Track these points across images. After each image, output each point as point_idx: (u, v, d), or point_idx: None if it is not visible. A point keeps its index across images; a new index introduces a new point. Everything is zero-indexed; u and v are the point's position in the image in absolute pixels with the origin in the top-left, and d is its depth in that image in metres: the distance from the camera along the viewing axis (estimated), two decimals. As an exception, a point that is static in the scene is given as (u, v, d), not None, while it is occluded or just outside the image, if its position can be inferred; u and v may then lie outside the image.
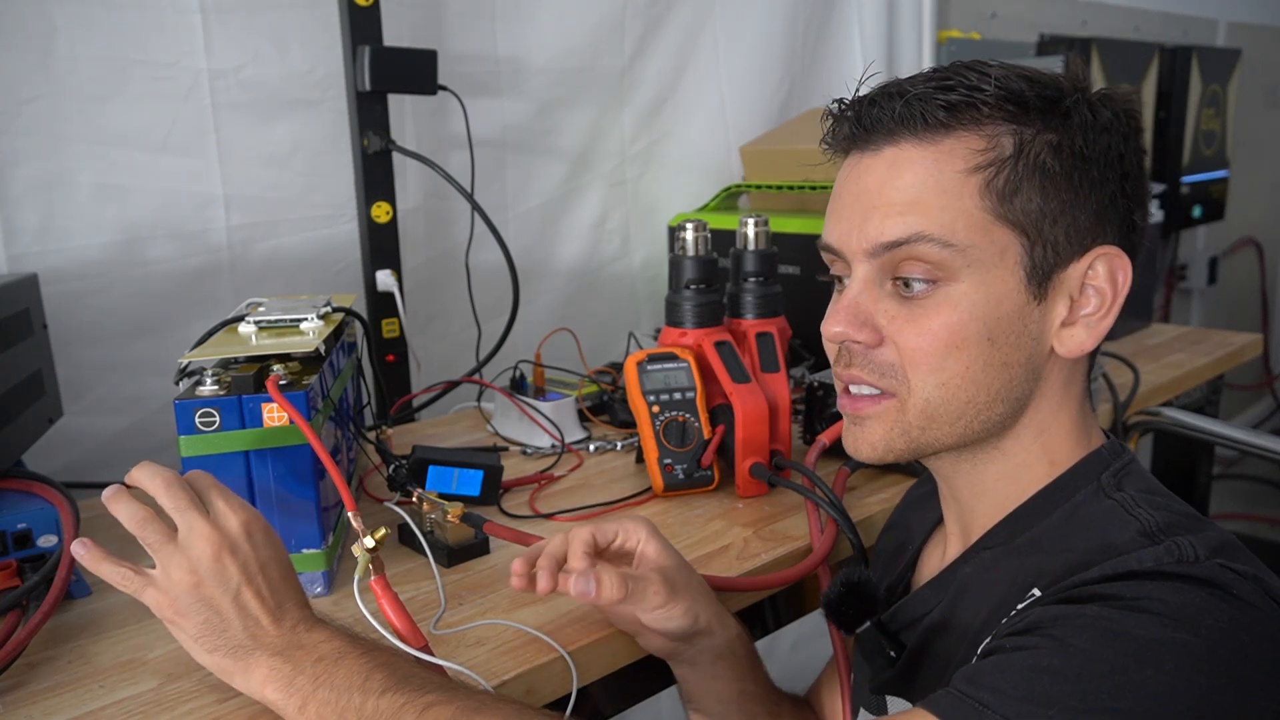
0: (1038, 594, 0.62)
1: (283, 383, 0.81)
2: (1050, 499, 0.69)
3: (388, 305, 1.43)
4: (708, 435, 1.09)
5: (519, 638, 0.80)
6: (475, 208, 1.42)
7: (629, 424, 1.27)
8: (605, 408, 1.36)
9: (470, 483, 1.05)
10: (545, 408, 1.26)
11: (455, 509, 0.90)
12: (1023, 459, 0.70)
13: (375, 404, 1.28)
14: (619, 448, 1.26)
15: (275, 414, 0.80)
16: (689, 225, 1.14)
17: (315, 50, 1.37)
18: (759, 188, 1.66)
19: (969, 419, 0.68)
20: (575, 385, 1.37)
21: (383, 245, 1.43)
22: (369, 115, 1.38)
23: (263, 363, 0.85)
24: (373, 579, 0.73)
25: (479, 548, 0.94)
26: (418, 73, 1.40)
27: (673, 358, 1.11)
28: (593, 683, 0.81)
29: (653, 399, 1.09)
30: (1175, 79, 2.85)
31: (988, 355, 0.66)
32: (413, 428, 1.39)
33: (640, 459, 1.16)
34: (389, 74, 1.36)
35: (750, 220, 1.18)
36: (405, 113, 1.48)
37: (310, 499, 0.84)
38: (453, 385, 1.44)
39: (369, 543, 0.74)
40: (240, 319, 0.93)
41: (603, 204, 1.76)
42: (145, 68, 1.24)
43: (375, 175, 1.41)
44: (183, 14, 1.26)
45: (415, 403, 1.45)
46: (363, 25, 1.35)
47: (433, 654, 0.71)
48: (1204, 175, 3.02)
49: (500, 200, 1.62)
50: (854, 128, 0.69)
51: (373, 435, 1.12)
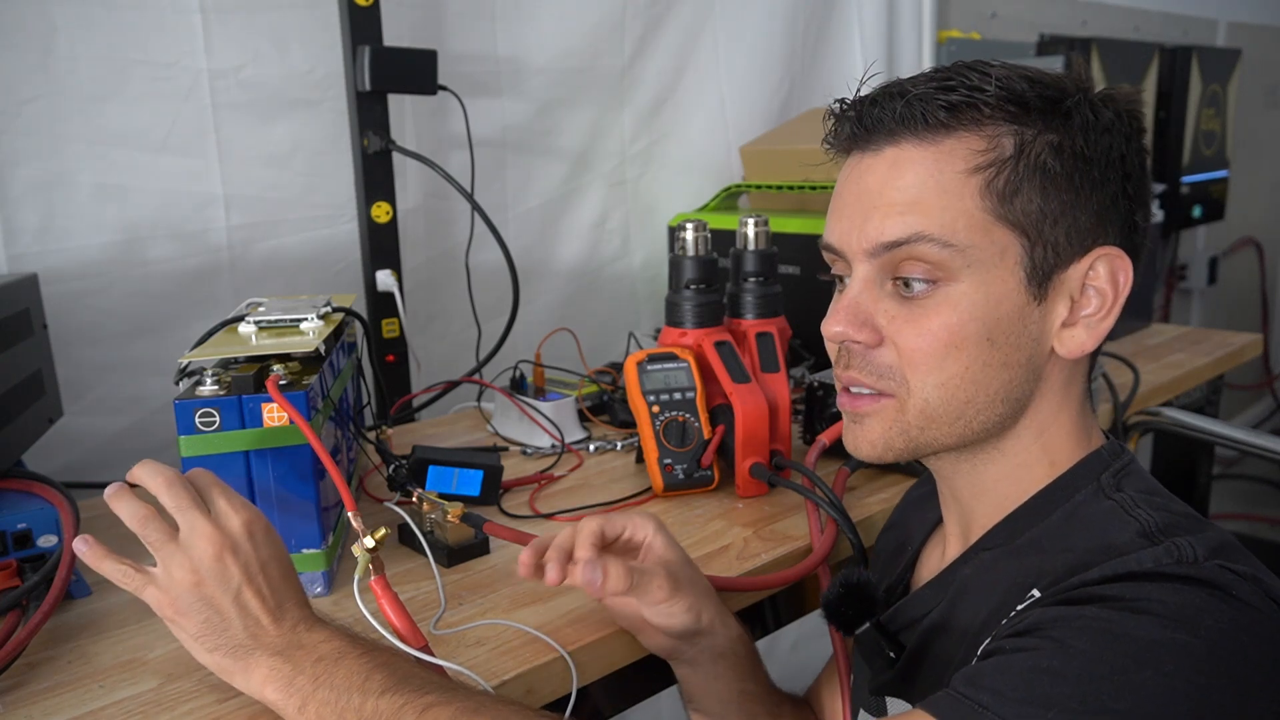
0: (1037, 595, 0.62)
1: (283, 383, 0.81)
2: (1050, 500, 0.69)
3: (388, 305, 1.43)
4: (708, 435, 1.09)
5: (519, 638, 0.80)
6: (475, 208, 1.42)
7: (629, 424, 1.27)
8: (605, 408, 1.36)
9: (470, 483, 1.05)
10: (545, 408, 1.26)
11: (455, 509, 0.90)
12: (1022, 459, 0.70)
13: (375, 404, 1.28)
14: (619, 448, 1.26)
15: (275, 414, 0.80)
16: (689, 225, 1.14)
17: (315, 50, 1.37)
18: (759, 188, 1.66)
19: (968, 419, 0.68)
20: (575, 385, 1.37)
21: (383, 245, 1.43)
22: (369, 115, 1.38)
23: (263, 363, 0.85)
24: (373, 579, 0.73)
25: (479, 548, 0.94)
26: (418, 73, 1.40)
27: (673, 358, 1.11)
28: (593, 683, 0.81)
29: (653, 399, 1.09)
30: (1175, 79, 2.85)
31: (987, 356, 0.66)
32: (413, 428, 1.39)
33: (640, 459, 1.16)
34: (389, 74, 1.36)
35: (750, 220, 1.18)
36: (405, 113, 1.48)
37: (310, 499, 0.84)
38: (453, 385, 1.44)
39: (369, 543, 0.74)
40: (240, 319, 0.93)
41: (603, 204, 1.76)
42: (145, 68, 1.24)
43: (375, 175, 1.41)
44: (183, 14, 1.26)
45: (415, 403, 1.45)
46: (363, 25, 1.35)
47: (433, 654, 0.71)
48: (1204, 175, 3.02)
49: (500, 200, 1.62)
50: (855, 127, 0.69)
51: (373, 435, 1.12)
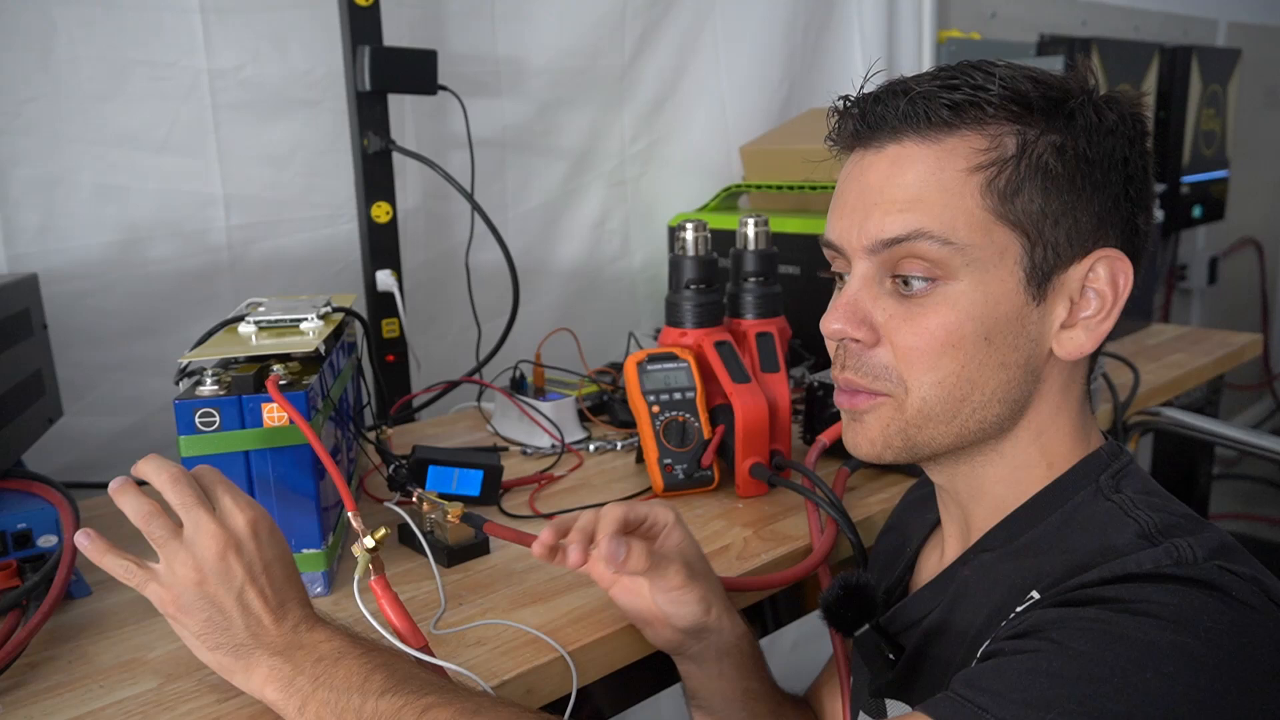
0: (1036, 596, 0.62)
1: (283, 383, 0.81)
2: (1049, 501, 0.69)
3: (388, 305, 1.43)
4: (708, 435, 1.09)
5: (519, 638, 0.80)
6: (475, 208, 1.42)
7: (629, 424, 1.27)
8: (605, 408, 1.36)
9: (470, 483, 1.05)
10: (545, 408, 1.26)
11: (455, 509, 0.90)
12: (1021, 461, 0.70)
13: (375, 404, 1.28)
14: (619, 448, 1.26)
15: (275, 414, 0.80)
16: (689, 225, 1.14)
17: (315, 50, 1.37)
18: (759, 188, 1.66)
19: (964, 418, 0.68)
20: (575, 385, 1.37)
21: (383, 245, 1.43)
22: (369, 115, 1.38)
23: (263, 363, 0.85)
24: (373, 579, 0.73)
25: (479, 548, 0.94)
26: (418, 73, 1.40)
27: (673, 358, 1.11)
28: (593, 683, 0.81)
29: (653, 399, 1.09)
30: (1175, 79, 2.85)
31: (984, 355, 0.66)
32: (413, 428, 1.39)
33: (640, 459, 1.16)
34: (389, 74, 1.36)
35: (750, 220, 1.18)
36: (405, 113, 1.48)
37: (310, 499, 0.84)
38: (453, 385, 1.44)
39: (369, 543, 0.74)
40: (240, 319, 0.93)
41: (603, 204, 1.76)
42: (145, 68, 1.24)
43: (375, 175, 1.41)
44: (183, 14, 1.26)
45: (415, 403, 1.45)
46: (363, 25, 1.35)
47: (433, 654, 0.71)
48: (1204, 175, 3.02)
49: (500, 200, 1.62)
50: (858, 125, 0.69)
51: (373, 435, 1.12)
